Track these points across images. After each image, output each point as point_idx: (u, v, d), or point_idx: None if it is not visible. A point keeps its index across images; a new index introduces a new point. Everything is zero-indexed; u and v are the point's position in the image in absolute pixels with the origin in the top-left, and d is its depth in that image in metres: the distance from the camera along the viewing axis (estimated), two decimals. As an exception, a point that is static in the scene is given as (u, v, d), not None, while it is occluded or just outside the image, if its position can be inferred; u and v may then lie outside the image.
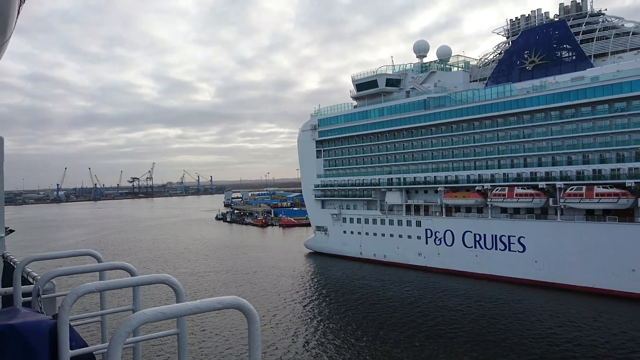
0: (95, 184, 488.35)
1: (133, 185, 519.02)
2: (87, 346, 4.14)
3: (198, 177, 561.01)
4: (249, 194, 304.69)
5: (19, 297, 5.57)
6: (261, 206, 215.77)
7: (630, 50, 68.49)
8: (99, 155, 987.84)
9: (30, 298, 5.38)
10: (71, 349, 3.88)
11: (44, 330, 3.83)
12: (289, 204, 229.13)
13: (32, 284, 6.02)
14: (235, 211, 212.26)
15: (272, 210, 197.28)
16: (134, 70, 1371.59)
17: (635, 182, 61.02)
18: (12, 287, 5.72)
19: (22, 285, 5.73)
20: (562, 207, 67.62)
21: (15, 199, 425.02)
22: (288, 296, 67.58)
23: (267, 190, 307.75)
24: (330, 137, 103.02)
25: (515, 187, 71.94)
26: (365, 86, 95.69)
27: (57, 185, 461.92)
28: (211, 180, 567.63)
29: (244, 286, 74.84)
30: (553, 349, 44.97)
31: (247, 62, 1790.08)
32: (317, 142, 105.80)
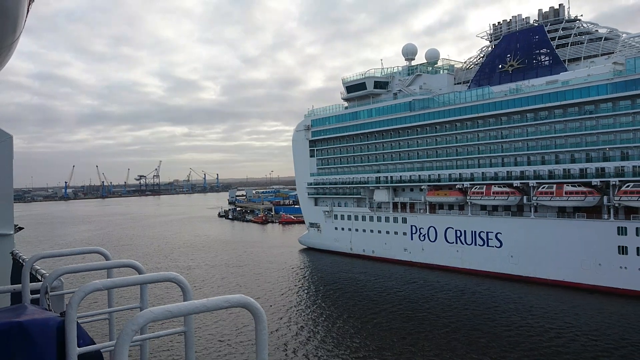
0: (103, 182, 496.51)
1: (140, 183, 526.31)
2: (95, 344, 4.14)
3: (204, 174, 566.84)
4: (253, 191, 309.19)
5: (28, 295, 5.58)
6: (264, 204, 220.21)
7: (602, 55, 71.66)
8: (107, 153, 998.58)
9: (38, 295, 5.35)
10: (79, 346, 3.91)
11: (52, 328, 3.87)
12: (291, 201, 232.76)
13: (41, 281, 5.94)
14: (237, 209, 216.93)
15: (273, 208, 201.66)
16: (140, 69, 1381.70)
17: (600, 181, 64.52)
18: (21, 285, 5.75)
19: (30, 282, 5.74)
20: (535, 204, 71.20)
21: (24, 196, 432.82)
22: (279, 289, 71.41)
23: (272, 188, 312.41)
24: (322, 137, 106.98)
25: (492, 186, 75.54)
26: (354, 88, 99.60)
27: (65, 183, 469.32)
28: (217, 178, 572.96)
29: (239, 279, 79.12)
30: (521, 337, 48.81)
31: (251, 60, 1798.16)
32: (310, 141, 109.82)
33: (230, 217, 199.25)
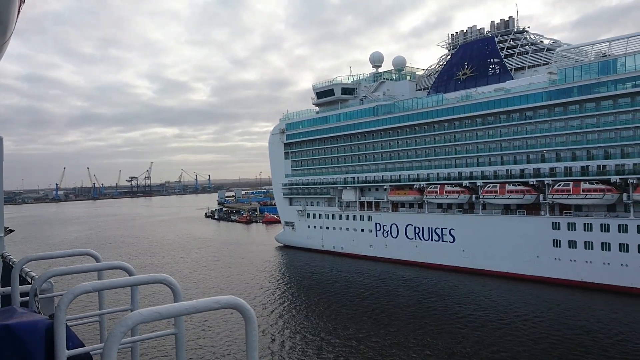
0: (94, 184, 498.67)
1: (131, 184, 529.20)
2: (84, 346, 4.11)
3: (196, 176, 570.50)
4: (242, 192, 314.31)
5: (17, 297, 5.52)
6: (251, 204, 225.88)
7: (544, 64, 77.82)
8: (98, 154, 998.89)
9: (28, 298, 5.19)
10: (68, 349, 3.87)
11: (40, 331, 3.84)
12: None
13: (31, 283, 5.75)
14: (224, 209, 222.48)
15: (258, 208, 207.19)
16: (129, 70, 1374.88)
17: (536, 181, 70.77)
18: (10, 287, 5.66)
19: (20, 285, 5.70)
20: (483, 202, 77.38)
21: (15, 198, 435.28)
22: (254, 284, 76.31)
23: (263, 189, 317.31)
24: (296, 140, 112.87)
25: (445, 185, 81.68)
26: (323, 94, 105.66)
27: (56, 184, 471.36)
28: (209, 179, 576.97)
29: (216, 274, 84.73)
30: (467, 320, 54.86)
31: (241, 62, 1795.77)
32: (285, 144, 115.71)
33: (216, 217, 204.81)
